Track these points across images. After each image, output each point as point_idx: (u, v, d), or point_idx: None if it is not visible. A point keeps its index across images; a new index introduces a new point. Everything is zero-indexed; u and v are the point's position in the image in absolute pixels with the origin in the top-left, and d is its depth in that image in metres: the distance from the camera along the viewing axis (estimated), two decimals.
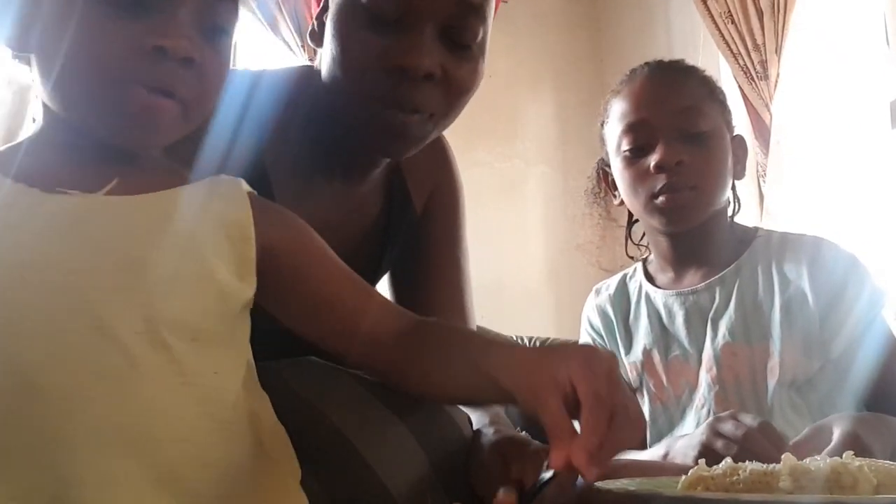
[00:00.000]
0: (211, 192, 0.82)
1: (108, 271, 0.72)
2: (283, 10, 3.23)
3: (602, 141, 1.36)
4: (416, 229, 1.19)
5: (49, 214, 0.74)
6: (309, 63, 1.14)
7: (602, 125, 1.35)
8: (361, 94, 0.97)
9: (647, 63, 1.34)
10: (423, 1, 0.95)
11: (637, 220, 1.39)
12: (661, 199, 1.24)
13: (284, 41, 3.27)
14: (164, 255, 0.74)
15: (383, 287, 1.27)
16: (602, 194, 1.41)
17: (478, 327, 1.27)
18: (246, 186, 0.86)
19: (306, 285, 0.87)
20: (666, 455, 1.14)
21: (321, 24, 1.03)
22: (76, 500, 0.67)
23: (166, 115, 0.77)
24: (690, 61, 1.36)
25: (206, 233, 0.79)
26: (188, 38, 0.77)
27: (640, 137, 1.26)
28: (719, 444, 1.01)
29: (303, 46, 3.26)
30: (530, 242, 3.78)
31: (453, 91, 0.99)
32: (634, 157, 1.26)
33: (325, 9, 1.03)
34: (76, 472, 0.68)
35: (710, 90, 1.31)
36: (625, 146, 1.27)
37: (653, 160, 1.23)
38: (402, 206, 1.18)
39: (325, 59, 1.02)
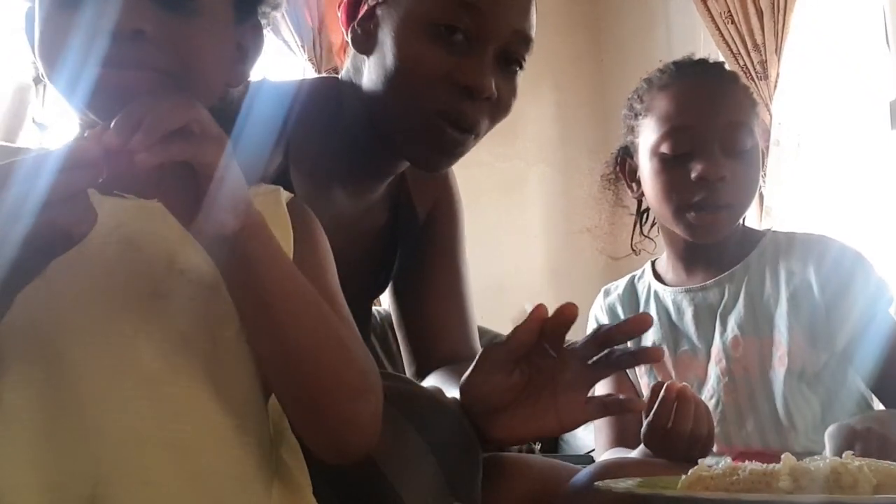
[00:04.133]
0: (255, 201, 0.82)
1: (152, 277, 0.73)
2: (282, 10, 3.23)
3: (630, 129, 1.32)
4: (418, 239, 1.22)
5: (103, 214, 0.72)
6: (334, 74, 1.17)
7: (635, 115, 1.31)
8: (424, 105, 1.01)
9: (696, 61, 1.32)
10: (492, 24, 1.01)
11: (647, 209, 1.38)
12: (693, 215, 1.23)
13: (284, 41, 3.27)
14: (208, 263, 0.73)
15: (384, 296, 1.29)
16: (616, 180, 1.38)
17: (478, 328, 1.28)
18: (286, 194, 0.86)
19: None
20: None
21: (366, 32, 1.05)
22: (111, 499, 0.67)
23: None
24: None
25: None
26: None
27: (683, 144, 1.23)
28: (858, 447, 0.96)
29: (303, 46, 3.27)
30: (530, 242, 3.78)
31: (499, 112, 1.07)
32: (673, 162, 1.24)
33: (370, 16, 1.04)
34: (114, 469, 0.68)
35: (753, 103, 1.31)
36: (664, 149, 1.24)
37: (694, 171, 1.21)
38: (407, 214, 1.21)
39: (376, 66, 1.03)
